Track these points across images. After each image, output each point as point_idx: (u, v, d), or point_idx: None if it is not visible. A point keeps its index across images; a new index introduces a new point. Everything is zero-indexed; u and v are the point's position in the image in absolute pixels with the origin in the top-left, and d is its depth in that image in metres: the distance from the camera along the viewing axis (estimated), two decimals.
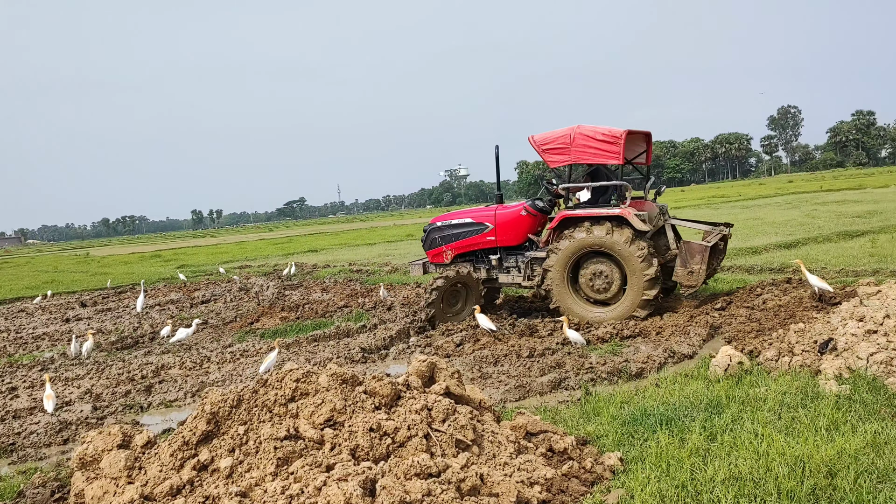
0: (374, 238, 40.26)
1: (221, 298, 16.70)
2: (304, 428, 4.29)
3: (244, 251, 37.99)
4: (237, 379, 8.42)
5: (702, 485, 4.16)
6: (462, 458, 4.14)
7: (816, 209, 26.34)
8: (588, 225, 9.65)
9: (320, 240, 44.46)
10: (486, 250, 10.91)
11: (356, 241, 38.10)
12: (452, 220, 11.23)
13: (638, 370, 7.21)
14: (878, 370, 5.82)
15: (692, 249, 9.38)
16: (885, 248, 13.41)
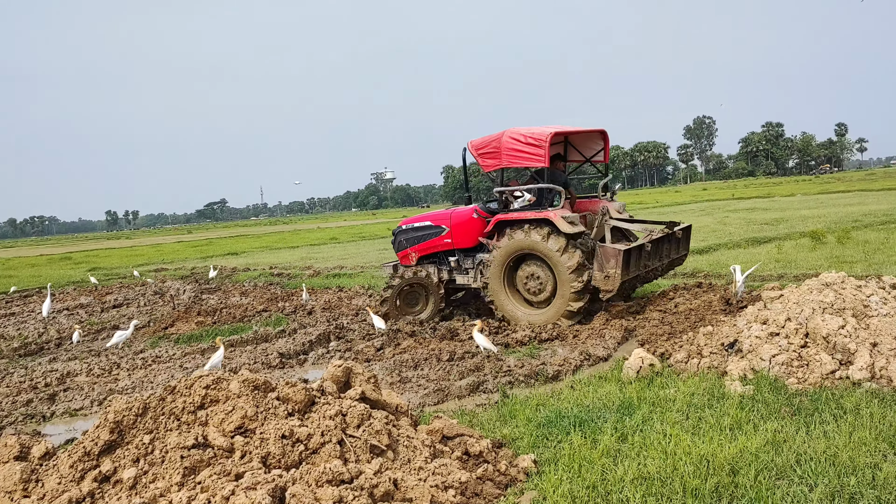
0: (297, 241, 39.68)
1: (135, 302, 16.15)
2: (214, 436, 4.17)
3: (161, 254, 36.86)
4: (148, 386, 8.13)
5: (612, 485, 4.24)
6: (376, 463, 4.11)
7: (728, 216, 27.42)
8: (519, 228, 9.68)
9: (241, 242, 43.53)
10: (446, 252, 10.98)
11: (278, 245, 37.49)
12: (416, 223, 11.37)
13: (554, 373, 7.32)
14: (779, 371, 6.07)
15: (607, 254, 9.08)
16: (789, 254, 14.05)
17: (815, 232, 16.50)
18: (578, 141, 11.26)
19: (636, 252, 9.33)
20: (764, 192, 52.88)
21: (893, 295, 6.86)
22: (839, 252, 13.50)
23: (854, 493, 3.86)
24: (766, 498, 3.90)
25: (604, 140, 10.93)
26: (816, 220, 21.15)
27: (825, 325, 6.22)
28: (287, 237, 47.69)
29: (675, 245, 10.51)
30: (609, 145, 11.02)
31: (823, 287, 6.85)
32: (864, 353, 5.84)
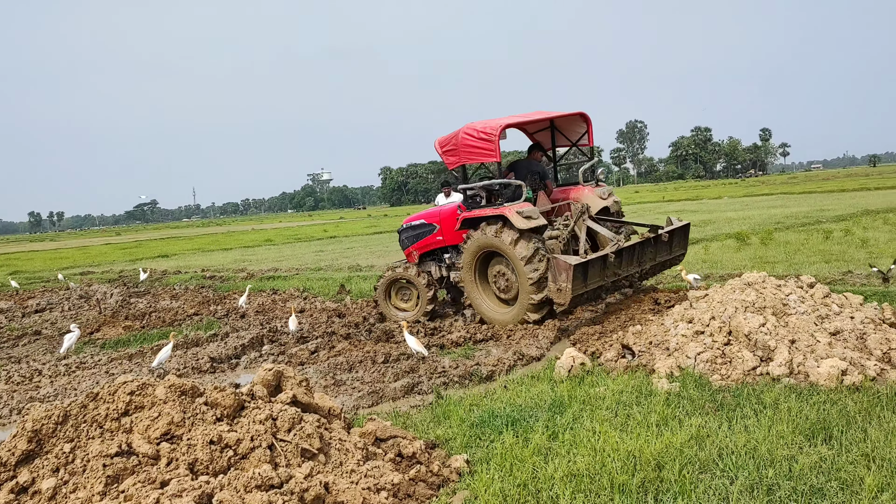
0: (230, 243, 38.94)
1: (59, 307, 15.58)
2: (139, 443, 4.06)
3: (88, 256, 35.68)
4: (72, 394, 7.86)
5: (542, 482, 4.30)
6: (306, 467, 4.06)
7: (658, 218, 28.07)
8: (483, 225, 9.42)
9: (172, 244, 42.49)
10: (441, 249, 10.81)
11: (211, 247, 36.73)
12: (414, 221, 11.20)
13: (488, 373, 7.38)
14: (704, 368, 6.27)
15: (559, 266, 8.44)
16: (715, 255, 14.49)
17: (740, 233, 17.09)
18: (563, 125, 10.78)
19: (597, 263, 8.69)
20: (693, 194, 54.43)
21: (811, 294, 7.16)
22: (762, 253, 14.00)
23: (772, 485, 4.01)
24: (689, 492, 4.02)
25: (586, 123, 10.43)
26: (741, 222, 21.88)
27: (747, 323, 6.44)
28: (220, 239, 46.76)
29: (663, 247, 9.81)
30: (592, 128, 10.45)
31: (745, 286, 7.11)
32: (783, 349, 6.07)
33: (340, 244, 30.94)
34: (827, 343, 6.10)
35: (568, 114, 10.20)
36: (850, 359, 5.79)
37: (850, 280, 10.15)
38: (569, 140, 10.83)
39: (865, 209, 23.43)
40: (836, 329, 6.38)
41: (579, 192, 10.18)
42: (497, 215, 9.22)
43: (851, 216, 21.21)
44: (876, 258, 11.99)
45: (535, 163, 10.62)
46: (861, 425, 4.74)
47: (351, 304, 12.72)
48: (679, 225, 9.95)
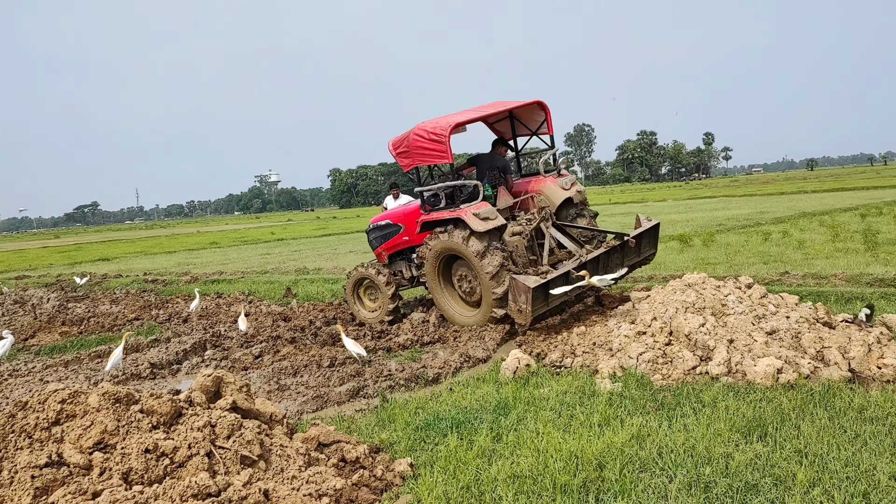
0: (174, 246, 38.15)
1: None
2: (70, 453, 3.92)
3: (24, 260, 34.52)
4: (2, 403, 7.57)
5: (485, 484, 4.31)
6: (245, 474, 3.98)
7: (605, 221, 28.48)
8: (439, 229, 9.17)
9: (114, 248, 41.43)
10: (409, 249, 10.57)
11: (154, 250, 35.94)
12: (380, 221, 10.98)
13: (435, 375, 7.36)
14: (646, 368, 6.36)
15: (518, 287, 8.07)
16: (659, 257, 14.69)
17: (683, 235, 17.45)
18: (522, 115, 10.44)
19: (559, 280, 8.31)
20: (639, 197, 55.45)
21: (749, 294, 7.34)
22: (704, 254, 14.31)
23: (709, 482, 4.08)
24: (629, 491, 4.07)
25: (544, 111, 10.10)
26: (684, 224, 22.38)
27: (687, 323, 6.57)
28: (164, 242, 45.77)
29: (632, 251, 9.35)
30: (550, 116, 10.12)
31: (686, 287, 7.25)
32: (722, 349, 6.21)
33: (288, 247, 30.60)
34: (763, 342, 6.26)
35: (525, 103, 9.91)
36: (785, 357, 5.95)
37: (787, 280, 10.45)
38: (529, 129, 10.54)
39: (803, 212, 24.19)
40: (773, 328, 6.55)
41: (541, 184, 9.91)
42: (454, 218, 8.95)
43: (789, 218, 21.87)
44: (812, 259, 12.38)
45: (497, 157, 10.36)
46: (795, 422, 4.86)
47: (297, 307, 12.56)
48: (648, 226, 9.62)
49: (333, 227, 49.21)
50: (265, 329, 10.62)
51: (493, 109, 9.81)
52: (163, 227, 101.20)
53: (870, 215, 20.39)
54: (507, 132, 10.83)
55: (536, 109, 10.15)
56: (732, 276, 9.04)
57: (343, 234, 37.46)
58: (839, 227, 16.94)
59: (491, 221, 8.71)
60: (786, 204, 30.26)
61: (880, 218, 19.45)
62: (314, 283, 15.43)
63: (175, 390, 7.20)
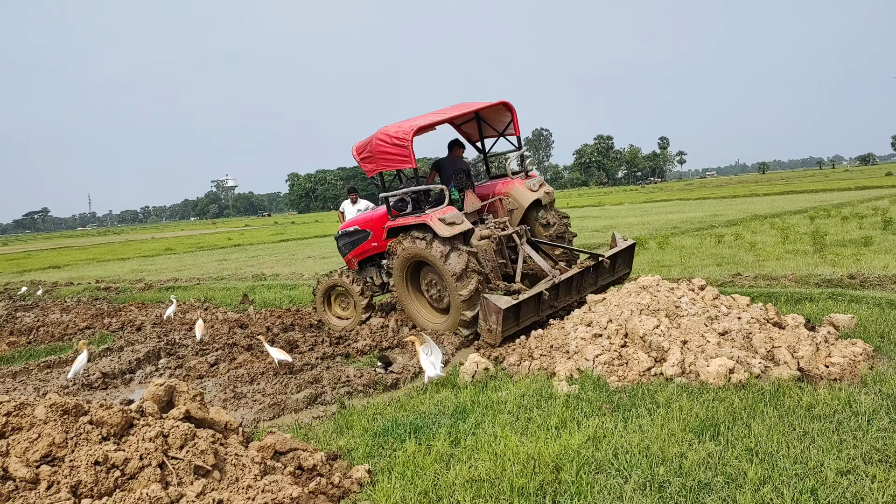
0: (128, 252, 37.43)
1: None
2: (16, 467, 3.81)
3: None
4: None
5: (443, 489, 4.31)
6: (199, 485, 3.92)
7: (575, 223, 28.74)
8: (408, 235, 8.96)
9: (64, 255, 40.47)
10: (379, 255, 10.37)
11: (107, 256, 35.19)
12: (349, 227, 10.78)
13: (393, 381, 7.33)
14: (602, 370, 6.43)
15: (489, 307, 7.96)
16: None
17: (639, 238, 17.68)
18: (488, 116, 10.30)
19: (531, 301, 8.24)
20: (596, 200, 56.14)
21: (702, 296, 7.48)
22: (659, 257, 14.54)
23: (663, 482, 4.14)
24: (586, 492, 4.10)
25: (510, 112, 9.97)
26: (640, 227, 22.71)
27: (642, 325, 6.66)
28: (117, 248, 44.86)
29: (605, 271, 9.34)
30: (517, 117, 10.00)
31: (641, 290, 7.35)
32: (676, 350, 6.31)
33: (245, 252, 30.23)
34: (716, 343, 6.37)
35: (491, 104, 9.78)
36: (737, 357, 6.07)
37: (739, 282, 10.67)
38: (496, 131, 10.43)
39: (754, 214, 24.74)
40: (725, 329, 6.67)
41: (509, 186, 9.87)
42: (420, 224, 8.78)
43: (742, 221, 22.35)
44: (763, 261, 12.66)
45: (459, 160, 10.25)
46: (746, 421, 4.96)
47: (254, 314, 12.42)
48: (624, 246, 9.58)
49: (292, 232, 48.75)
50: (221, 336, 10.47)
51: (459, 111, 9.71)
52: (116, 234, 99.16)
53: (818, 217, 20.95)
54: (473, 134, 10.74)
55: (502, 110, 10.04)
56: (686, 278, 9.21)
57: (301, 240, 37.11)
58: (789, 230, 17.36)
59: (457, 226, 8.58)
60: (738, 207, 30.91)
61: (828, 220, 20.00)
62: (272, 289, 15.26)
63: (127, 400, 7.09)
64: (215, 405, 6.62)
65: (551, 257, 9.74)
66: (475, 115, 10.31)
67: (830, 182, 52.84)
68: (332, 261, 19.77)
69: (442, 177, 10.06)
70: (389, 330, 9.63)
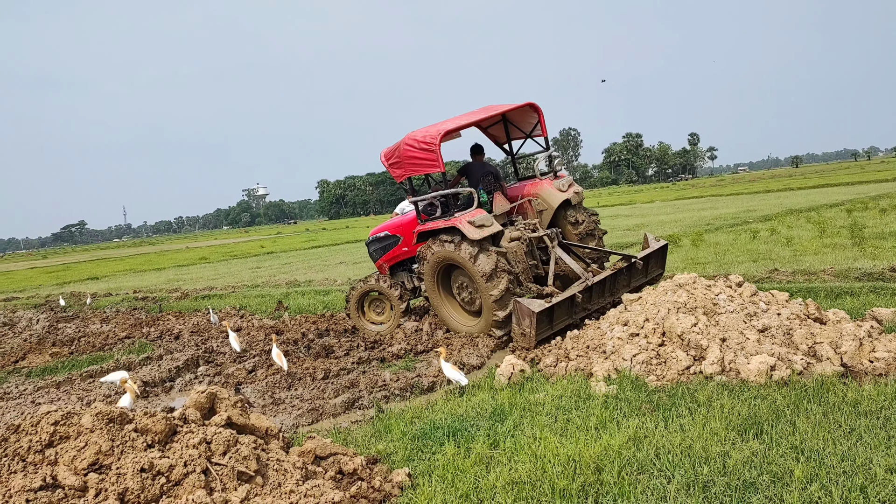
0: (163, 263, 37.99)
1: None
2: (64, 475, 3.89)
3: (11, 282, 34.31)
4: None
5: (484, 492, 4.30)
6: (243, 490, 3.96)
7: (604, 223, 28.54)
8: (437, 238, 9.01)
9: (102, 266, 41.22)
10: (409, 260, 10.45)
11: (143, 267, 35.77)
12: (379, 233, 10.85)
13: (429, 384, 7.34)
14: (640, 370, 6.37)
15: (522, 311, 7.93)
16: None
17: (672, 236, 17.52)
18: (515, 119, 10.37)
19: (564, 304, 8.22)
20: (626, 199, 55.65)
21: (739, 292, 7.37)
22: (693, 254, 14.36)
23: (707, 482, 4.09)
24: (628, 493, 4.07)
25: (537, 113, 9.96)
26: (673, 225, 22.47)
27: (679, 323, 6.59)
28: (153, 259, 45.58)
29: (638, 272, 9.30)
30: (544, 118, 9.99)
31: (677, 288, 7.27)
32: (715, 348, 6.22)
33: (278, 260, 30.51)
34: (756, 340, 6.28)
35: (517, 106, 9.80)
36: (778, 354, 5.98)
37: (777, 277, 10.50)
38: (523, 132, 10.47)
39: (789, 209, 24.33)
40: (764, 326, 6.57)
41: (538, 187, 9.88)
42: (449, 227, 8.83)
43: (776, 216, 21.99)
44: (800, 256, 12.45)
45: (486, 164, 10.32)
46: (790, 418, 4.88)
47: (289, 320, 12.52)
48: (657, 247, 9.52)
49: (323, 238, 49.11)
50: (258, 343, 10.58)
51: (485, 114, 9.74)
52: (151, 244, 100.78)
53: (856, 210, 20.53)
54: (501, 136, 10.77)
55: (529, 112, 10.04)
56: (722, 274, 9.09)
57: (333, 246, 37.36)
58: (826, 223, 17.04)
59: (486, 228, 8.60)
60: (772, 201, 30.45)
61: (866, 213, 19.59)
62: (305, 295, 15.38)
63: (169, 408, 7.20)
64: (254, 411, 6.69)
65: (583, 259, 9.69)
66: (502, 117, 10.31)
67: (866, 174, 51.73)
68: (364, 266, 19.88)
69: (469, 181, 10.09)
70: (423, 333, 9.64)
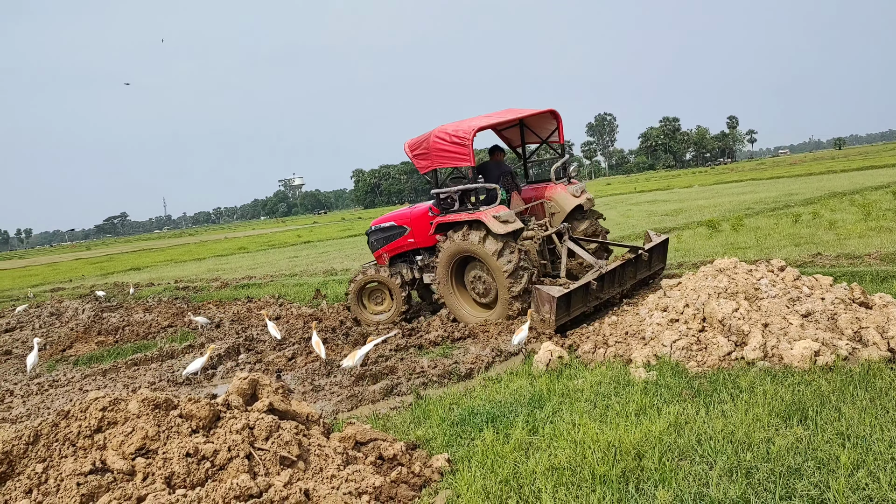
0: (203, 253, 38.59)
1: (29, 325, 15.30)
2: (113, 459, 3.99)
3: (57, 273, 35.15)
4: (44, 413, 7.71)
5: (524, 478, 4.30)
6: (286, 475, 4.02)
7: (631, 209, 28.32)
8: (457, 230, 9.27)
9: (144, 257, 42.01)
10: (412, 251, 10.68)
11: (184, 257, 36.37)
12: (382, 223, 11.03)
13: (467, 371, 7.36)
14: (680, 355, 6.31)
15: (542, 297, 8.20)
16: (687, 243, 14.63)
17: (711, 221, 17.26)
18: (533, 123, 10.71)
19: (580, 291, 8.49)
20: (664, 184, 54.93)
21: (782, 277, 7.24)
22: (733, 239, 14.15)
23: (750, 468, 4.04)
24: (670, 479, 4.03)
25: (556, 120, 10.33)
26: (712, 210, 22.12)
27: (720, 309, 6.50)
28: (193, 249, 46.31)
29: (643, 265, 9.73)
30: (562, 125, 10.38)
31: (717, 273, 7.17)
32: (757, 333, 6.13)
33: (315, 249, 30.79)
34: (799, 325, 6.17)
35: (538, 112, 10.15)
36: (822, 339, 5.86)
37: (820, 262, 10.29)
38: (539, 137, 10.79)
39: (832, 191, 23.80)
40: (808, 311, 6.45)
41: (552, 191, 10.15)
42: (474, 220, 9.05)
43: (819, 199, 21.53)
44: (844, 239, 12.18)
45: (503, 164, 10.57)
46: (835, 404, 4.79)
47: (327, 308, 12.64)
48: (658, 241, 9.98)
49: (359, 227, 49.40)
50: (297, 331, 10.71)
51: (509, 116, 10.08)
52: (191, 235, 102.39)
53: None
54: (515, 139, 11.11)
55: (549, 118, 10.38)
56: (764, 259, 8.93)
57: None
58: (871, 206, 16.63)
59: (510, 224, 8.87)
60: (815, 184, 29.80)
61: None
62: (342, 283, 15.50)
63: (212, 394, 7.32)
64: (295, 397, 6.78)
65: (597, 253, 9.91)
66: (519, 121, 10.67)
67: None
68: None
69: (487, 179, 10.26)
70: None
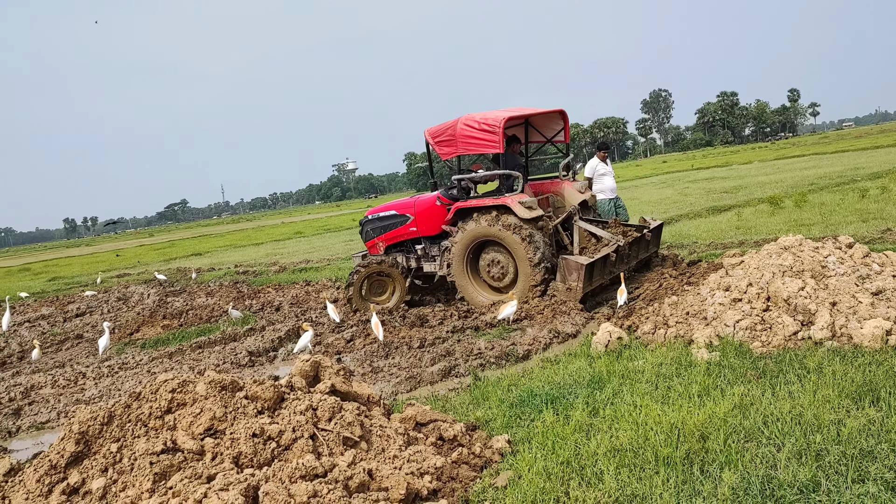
0: (261, 238, 39.32)
1: (98, 310, 15.86)
2: (183, 439, 4.11)
3: (122, 259, 36.26)
4: (116, 394, 8.00)
5: (585, 459, 4.28)
6: (349, 455, 4.09)
7: (688, 187, 27.75)
8: (477, 215, 9.58)
9: (204, 242, 43.01)
10: (412, 240, 10.91)
11: (242, 242, 37.12)
12: (381, 212, 11.25)
13: (525, 352, 7.35)
14: (743, 336, 6.17)
15: (569, 266, 8.82)
16: (748, 221, 14.27)
17: (773, 197, 16.79)
18: (538, 122, 11.15)
19: (601, 263, 9.07)
20: (722, 161, 53.56)
21: (850, 254, 7.01)
22: (797, 216, 13.75)
23: (820, 450, 3.93)
24: (736, 461, 3.96)
25: (563, 120, 10.83)
26: (774, 186, 21.52)
27: (785, 287, 6.32)
28: (251, 234, 47.23)
29: (643, 245, 10.30)
30: (569, 125, 10.94)
31: (782, 251, 6.97)
32: (825, 312, 5.95)
33: None
34: (869, 303, 5.96)
35: (547, 111, 10.64)
36: (894, 318, 5.66)
37: (890, 238, 9.93)
38: (544, 136, 11.21)
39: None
40: (879, 289, 6.23)
41: (559, 186, 10.52)
42: (499, 205, 9.40)
43: (887, 173, 20.73)
44: None
45: (517, 156, 10.79)
46: None
47: None
48: (655, 225, 10.53)
49: None
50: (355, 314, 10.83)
51: (527, 112, 10.51)
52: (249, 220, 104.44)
53: None
54: (518, 135, 11.30)
55: (556, 118, 10.85)
56: (830, 236, 8.66)
57: None
58: None
59: (534, 211, 9.26)
60: (882, 158, 28.68)
61: None
62: None
63: (275, 376, 7.48)
64: (355, 379, 6.87)
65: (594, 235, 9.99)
66: (524, 120, 11.02)
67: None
68: None
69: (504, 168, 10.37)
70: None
